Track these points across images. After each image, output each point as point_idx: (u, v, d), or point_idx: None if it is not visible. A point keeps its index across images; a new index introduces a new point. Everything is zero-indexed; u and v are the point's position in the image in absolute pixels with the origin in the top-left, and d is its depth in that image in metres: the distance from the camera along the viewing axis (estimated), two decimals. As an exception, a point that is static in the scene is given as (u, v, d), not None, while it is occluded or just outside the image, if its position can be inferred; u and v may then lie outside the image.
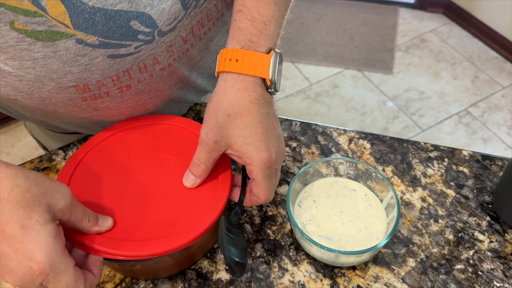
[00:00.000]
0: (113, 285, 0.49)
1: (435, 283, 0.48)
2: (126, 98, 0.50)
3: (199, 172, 0.45)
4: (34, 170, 0.60)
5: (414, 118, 1.87)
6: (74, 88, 0.45)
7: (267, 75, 0.42)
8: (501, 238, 0.51)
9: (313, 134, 0.63)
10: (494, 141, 1.77)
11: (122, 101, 0.51)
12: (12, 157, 1.83)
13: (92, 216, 0.40)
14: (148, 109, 0.55)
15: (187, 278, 0.49)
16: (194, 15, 0.49)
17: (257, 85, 0.43)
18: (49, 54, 0.42)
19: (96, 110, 0.51)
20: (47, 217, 0.35)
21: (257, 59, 0.42)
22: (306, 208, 0.51)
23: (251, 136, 0.42)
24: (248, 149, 0.42)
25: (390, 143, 0.61)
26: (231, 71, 0.42)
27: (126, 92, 0.49)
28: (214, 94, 0.44)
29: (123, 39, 0.44)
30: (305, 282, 0.48)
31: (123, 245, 0.41)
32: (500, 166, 0.58)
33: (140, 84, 0.50)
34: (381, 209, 0.50)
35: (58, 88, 0.45)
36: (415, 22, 2.33)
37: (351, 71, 2.09)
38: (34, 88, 0.45)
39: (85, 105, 0.49)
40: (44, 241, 0.34)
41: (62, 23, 0.40)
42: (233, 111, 0.42)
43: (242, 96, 0.42)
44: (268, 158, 0.43)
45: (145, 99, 0.53)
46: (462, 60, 2.11)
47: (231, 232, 0.45)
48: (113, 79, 0.47)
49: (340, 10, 2.42)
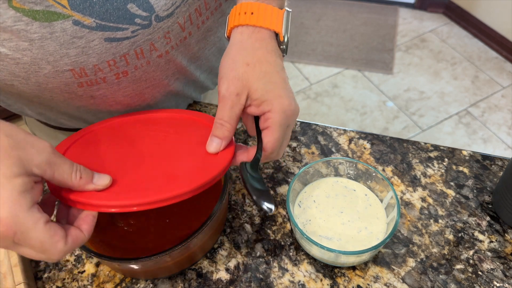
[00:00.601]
0: (113, 285, 0.49)
1: (435, 283, 0.48)
2: (123, 86, 0.50)
3: (224, 132, 0.43)
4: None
5: (414, 118, 1.87)
6: (70, 72, 0.45)
7: (281, 30, 0.44)
8: (501, 238, 0.51)
9: (313, 134, 0.63)
10: (494, 141, 1.77)
11: (119, 88, 0.50)
12: (12, 157, 1.83)
13: (85, 173, 0.37)
14: (145, 100, 0.55)
15: (187, 278, 0.49)
16: (192, 2, 0.49)
17: (272, 38, 0.44)
18: (45, 35, 0.42)
19: (93, 98, 0.50)
20: (15, 170, 0.32)
21: (271, 12, 0.44)
22: (306, 208, 0.51)
23: (271, 84, 0.42)
24: (268, 96, 0.42)
25: (390, 143, 0.61)
26: (247, 24, 0.44)
27: (123, 78, 0.49)
28: (230, 48, 0.44)
29: (120, 22, 0.44)
30: (305, 282, 0.48)
31: (118, 196, 0.38)
32: (500, 166, 0.58)
33: (137, 71, 0.49)
34: (381, 209, 0.50)
35: (55, 72, 0.45)
36: (415, 22, 2.33)
37: (351, 71, 2.09)
38: (30, 72, 0.44)
39: (81, 91, 0.48)
40: (7, 195, 0.31)
41: (59, 3, 0.40)
42: (252, 60, 0.42)
43: (260, 46, 0.43)
44: (288, 105, 0.42)
45: (142, 88, 0.52)
46: (462, 60, 2.11)
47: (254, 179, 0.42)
48: (110, 64, 0.47)
49: (340, 10, 2.42)
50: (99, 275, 0.50)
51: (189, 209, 0.49)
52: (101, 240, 0.47)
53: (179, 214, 0.48)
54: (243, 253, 0.51)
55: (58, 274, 0.50)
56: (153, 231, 0.47)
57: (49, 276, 0.50)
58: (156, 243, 0.46)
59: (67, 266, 0.51)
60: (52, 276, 0.50)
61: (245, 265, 0.50)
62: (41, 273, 0.51)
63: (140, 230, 0.48)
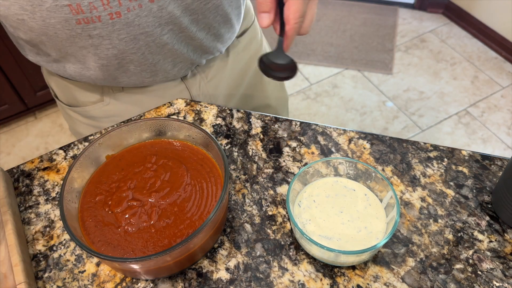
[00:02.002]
0: (114, 284, 0.49)
1: (434, 282, 0.48)
2: (117, 27, 0.53)
3: (268, 5, 0.46)
4: (35, 169, 0.61)
5: (414, 118, 1.87)
6: (68, 7, 0.49)
7: None
8: (500, 238, 0.51)
9: (313, 134, 0.63)
10: (494, 141, 1.77)
11: (113, 30, 0.53)
12: (12, 157, 1.83)
13: None
14: (140, 49, 0.57)
15: (187, 277, 0.49)
16: None
17: None
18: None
19: (91, 38, 0.53)
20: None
21: None
22: (306, 208, 0.51)
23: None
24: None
25: (389, 143, 0.61)
26: None
27: (116, 20, 0.52)
28: None
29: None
30: (305, 282, 0.49)
31: None
32: (500, 166, 0.58)
33: (130, 13, 0.51)
34: (380, 208, 0.50)
35: (55, 6, 0.49)
36: (414, 23, 2.33)
37: (351, 71, 2.09)
38: (35, 6, 0.49)
39: (80, 29, 0.52)
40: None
41: None
42: None
43: None
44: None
45: (136, 34, 0.54)
46: (462, 60, 2.11)
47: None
48: (104, 3, 0.49)
49: (340, 10, 2.42)
50: (99, 274, 0.50)
51: (190, 209, 0.49)
52: (102, 240, 0.47)
53: (179, 214, 0.49)
54: (243, 253, 0.51)
55: (58, 273, 0.51)
56: (153, 231, 0.48)
57: (49, 275, 0.50)
58: (156, 243, 0.47)
59: (67, 265, 0.51)
60: (52, 276, 0.50)
61: (245, 265, 0.50)
62: (41, 273, 0.51)
63: (141, 230, 0.48)
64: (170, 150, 0.56)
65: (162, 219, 0.48)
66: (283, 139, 0.63)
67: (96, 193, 0.52)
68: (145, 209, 0.49)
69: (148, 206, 0.49)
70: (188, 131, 0.55)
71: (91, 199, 0.51)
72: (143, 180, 0.52)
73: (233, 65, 0.74)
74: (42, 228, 0.55)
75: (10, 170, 0.61)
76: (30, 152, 1.84)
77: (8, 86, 1.74)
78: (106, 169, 0.54)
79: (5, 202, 0.53)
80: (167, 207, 0.49)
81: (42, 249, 0.53)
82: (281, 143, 0.62)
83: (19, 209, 0.57)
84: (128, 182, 0.52)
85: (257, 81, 0.80)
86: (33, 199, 0.58)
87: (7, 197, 0.54)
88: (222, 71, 0.73)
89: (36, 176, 0.60)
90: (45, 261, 0.52)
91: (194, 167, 0.53)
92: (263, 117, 0.66)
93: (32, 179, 0.60)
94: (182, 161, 0.54)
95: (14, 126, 1.95)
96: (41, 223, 0.55)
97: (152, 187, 0.51)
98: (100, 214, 0.50)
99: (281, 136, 0.63)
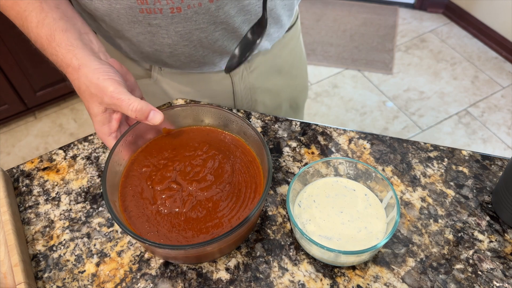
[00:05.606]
0: (114, 284, 0.49)
1: (434, 282, 0.48)
2: (175, 21, 0.56)
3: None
4: (35, 169, 0.61)
5: (414, 118, 1.87)
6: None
7: None
8: (500, 238, 0.51)
9: (313, 134, 0.63)
10: (494, 141, 1.77)
11: (172, 22, 0.56)
12: (12, 157, 1.83)
13: (140, 113, 0.48)
14: (192, 42, 0.60)
15: (187, 278, 0.49)
16: None
17: None
18: None
19: (150, 26, 0.57)
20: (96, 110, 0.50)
21: None
22: (306, 208, 0.51)
23: None
24: None
25: (390, 143, 0.61)
26: None
27: (176, 14, 0.55)
28: None
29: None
30: (305, 282, 0.48)
31: None
32: (500, 166, 0.58)
33: (189, 10, 0.54)
34: (380, 209, 0.50)
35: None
36: (415, 22, 2.33)
37: (351, 71, 2.09)
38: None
39: (141, 17, 0.56)
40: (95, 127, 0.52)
41: None
42: None
43: None
44: None
45: (191, 29, 0.57)
46: (462, 60, 2.11)
47: None
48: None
49: (340, 10, 2.42)
50: (99, 275, 0.50)
51: (223, 208, 0.49)
52: (134, 211, 0.48)
53: (212, 210, 0.49)
54: (243, 253, 0.51)
55: (58, 273, 0.50)
56: (182, 219, 0.48)
57: (49, 275, 0.50)
58: (180, 232, 0.47)
59: (67, 265, 0.51)
60: (52, 276, 0.50)
61: (245, 265, 0.50)
62: (41, 273, 0.51)
63: (172, 214, 0.48)
64: (223, 143, 0.55)
65: (194, 210, 0.48)
66: (283, 139, 0.63)
67: (144, 164, 0.52)
68: (182, 195, 0.49)
69: (186, 193, 0.49)
70: (246, 130, 0.54)
71: (138, 168, 0.51)
72: (190, 165, 0.52)
73: (275, 58, 0.76)
74: (41, 228, 0.55)
75: (10, 170, 0.61)
76: (29, 152, 1.84)
77: (8, 86, 1.74)
78: (159, 142, 0.54)
79: (5, 202, 0.53)
80: (203, 200, 0.49)
81: (42, 249, 0.53)
82: (281, 143, 0.62)
83: (19, 209, 0.57)
84: (176, 163, 0.52)
85: (297, 73, 0.84)
86: (32, 199, 0.58)
87: (6, 197, 0.54)
88: (264, 64, 0.75)
89: (35, 176, 0.60)
90: (44, 261, 0.52)
91: (240, 168, 0.52)
92: (263, 117, 0.66)
93: (31, 179, 0.60)
94: (231, 158, 0.53)
95: (14, 126, 1.95)
96: (41, 223, 0.55)
97: (196, 176, 0.51)
98: (141, 186, 0.50)
99: (281, 136, 0.63)
